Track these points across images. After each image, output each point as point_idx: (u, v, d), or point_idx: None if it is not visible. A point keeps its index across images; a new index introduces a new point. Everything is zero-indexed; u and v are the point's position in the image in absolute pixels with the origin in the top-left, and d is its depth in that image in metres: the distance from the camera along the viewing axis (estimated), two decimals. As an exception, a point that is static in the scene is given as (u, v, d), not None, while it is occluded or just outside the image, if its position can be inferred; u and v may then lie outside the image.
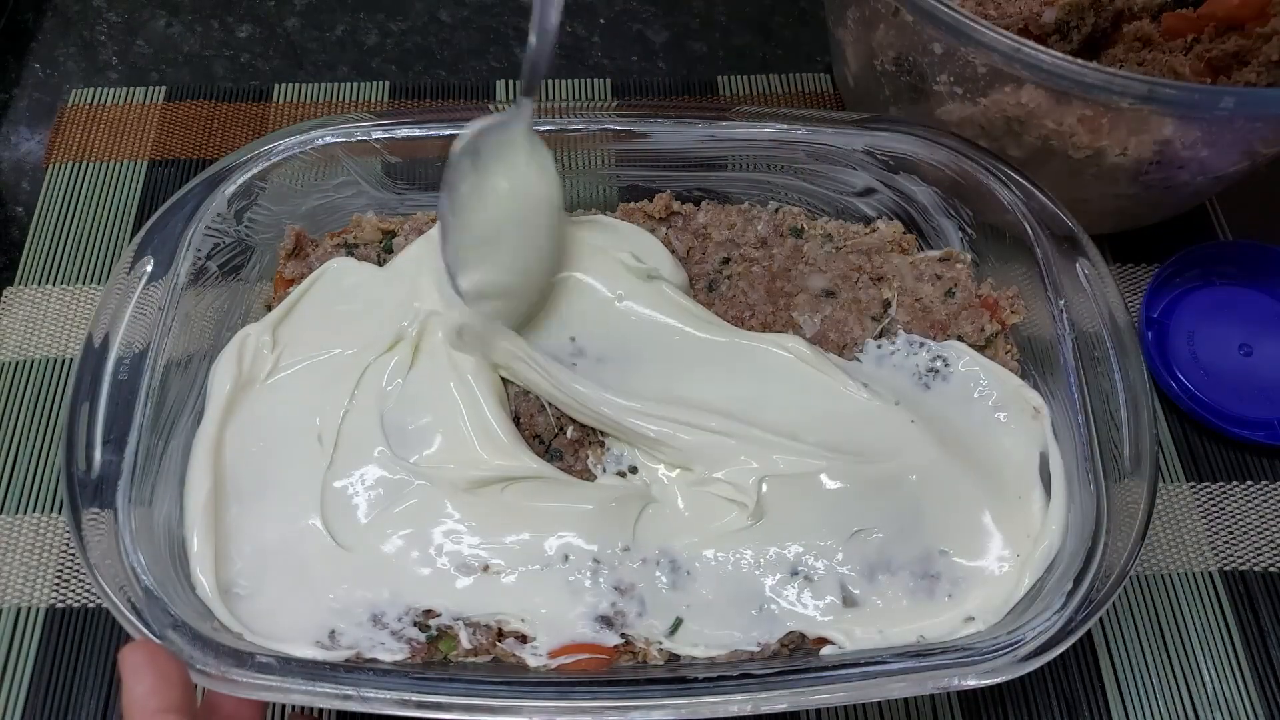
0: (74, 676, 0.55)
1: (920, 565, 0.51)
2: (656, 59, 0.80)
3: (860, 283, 0.59)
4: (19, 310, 0.66)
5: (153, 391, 0.51)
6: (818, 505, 0.51)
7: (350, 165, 0.60)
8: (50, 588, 0.57)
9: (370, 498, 0.52)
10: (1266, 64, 0.59)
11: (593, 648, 0.49)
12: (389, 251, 0.60)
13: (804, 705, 0.46)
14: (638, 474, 0.53)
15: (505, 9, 0.82)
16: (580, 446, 0.54)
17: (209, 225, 0.56)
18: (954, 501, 0.53)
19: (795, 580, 0.50)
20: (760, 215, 0.62)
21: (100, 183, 0.71)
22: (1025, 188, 0.56)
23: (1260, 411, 0.63)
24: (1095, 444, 0.50)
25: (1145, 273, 0.69)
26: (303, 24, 0.81)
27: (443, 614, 0.49)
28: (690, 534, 0.51)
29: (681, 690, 0.45)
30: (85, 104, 0.75)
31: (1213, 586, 0.59)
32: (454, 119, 0.59)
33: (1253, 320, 0.66)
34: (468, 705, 0.44)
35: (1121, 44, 0.62)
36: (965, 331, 0.57)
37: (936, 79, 0.61)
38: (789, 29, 0.82)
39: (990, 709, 0.55)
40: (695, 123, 0.59)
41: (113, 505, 0.47)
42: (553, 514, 0.51)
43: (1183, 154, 0.58)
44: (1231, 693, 0.56)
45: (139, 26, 0.81)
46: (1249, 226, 0.71)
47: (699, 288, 0.60)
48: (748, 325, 0.58)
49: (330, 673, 0.45)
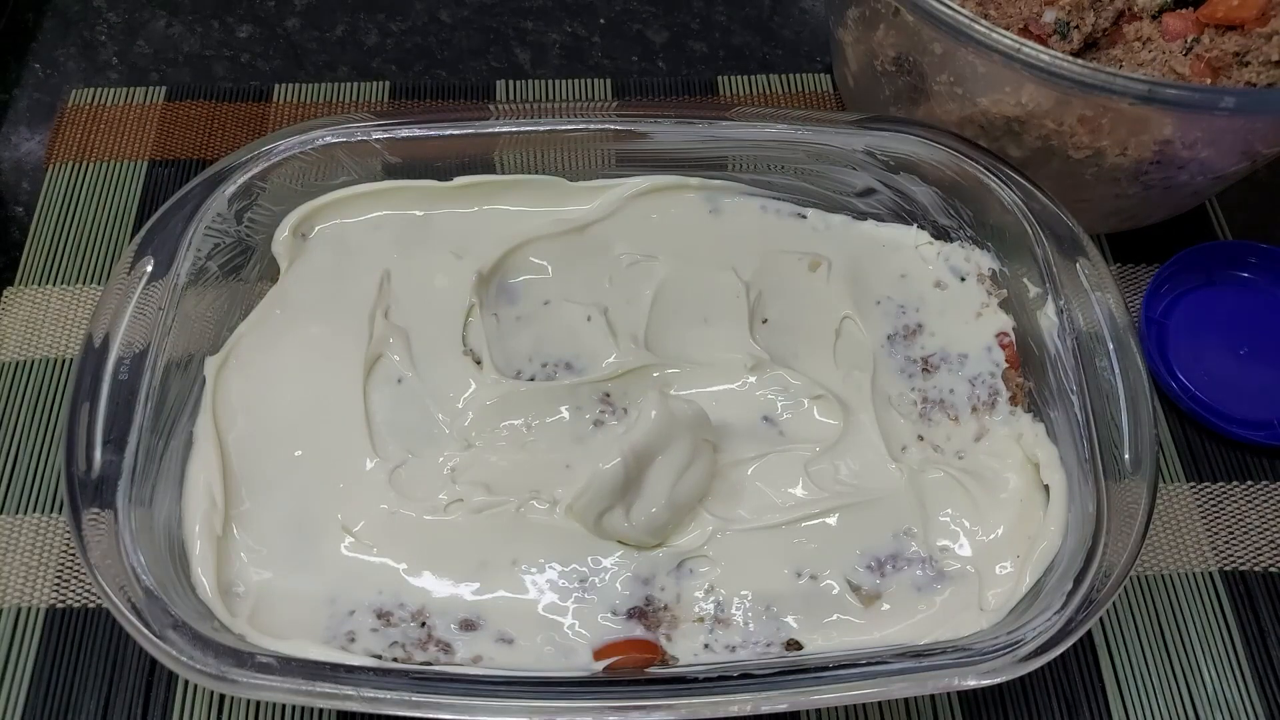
0: (74, 676, 0.55)
1: (920, 565, 0.51)
2: (656, 59, 0.80)
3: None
4: (19, 310, 0.66)
5: (153, 391, 0.51)
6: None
7: (350, 165, 0.60)
8: (50, 588, 0.57)
9: (380, 493, 0.52)
10: (1266, 64, 0.59)
11: (632, 644, 0.49)
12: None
13: (804, 705, 0.46)
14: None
15: (505, 9, 0.82)
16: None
17: (209, 225, 0.56)
18: (954, 501, 0.53)
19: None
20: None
21: (100, 183, 0.71)
22: (1025, 188, 0.56)
23: (1260, 411, 0.63)
24: (1095, 444, 0.50)
25: (1145, 273, 0.69)
26: (303, 24, 0.81)
27: (461, 614, 0.50)
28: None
29: (681, 690, 0.45)
30: (85, 104, 0.75)
31: (1213, 586, 0.59)
32: (454, 119, 0.59)
33: (1253, 320, 0.66)
34: (468, 705, 0.44)
35: (1121, 44, 0.62)
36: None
37: (936, 79, 0.61)
38: (789, 29, 0.82)
39: (990, 709, 0.55)
40: (695, 123, 0.59)
41: (113, 505, 0.47)
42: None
43: (1183, 154, 0.58)
44: (1232, 693, 0.56)
45: (139, 26, 0.81)
46: (1249, 226, 0.71)
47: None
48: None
49: (330, 673, 0.45)
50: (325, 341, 0.57)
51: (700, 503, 0.53)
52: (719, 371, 0.57)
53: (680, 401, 0.53)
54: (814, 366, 0.57)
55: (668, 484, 0.51)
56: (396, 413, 0.55)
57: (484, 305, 0.58)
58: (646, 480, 0.51)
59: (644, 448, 0.51)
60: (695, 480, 0.52)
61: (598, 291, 0.59)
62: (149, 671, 0.55)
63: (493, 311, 0.58)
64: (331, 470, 0.53)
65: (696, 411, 0.53)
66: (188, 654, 0.44)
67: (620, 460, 0.50)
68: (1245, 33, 0.59)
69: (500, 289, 0.59)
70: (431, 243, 0.60)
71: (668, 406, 0.51)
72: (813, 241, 0.61)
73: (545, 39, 0.81)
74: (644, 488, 0.51)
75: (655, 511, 0.51)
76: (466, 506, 0.52)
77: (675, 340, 0.58)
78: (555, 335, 0.58)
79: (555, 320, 0.58)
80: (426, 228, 0.60)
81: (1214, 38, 0.59)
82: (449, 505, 0.52)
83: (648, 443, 0.51)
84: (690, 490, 0.52)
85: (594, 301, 0.58)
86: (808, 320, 0.59)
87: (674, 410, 0.52)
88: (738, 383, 0.57)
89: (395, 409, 0.55)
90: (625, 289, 0.59)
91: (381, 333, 0.57)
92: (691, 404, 0.53)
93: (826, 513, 0.53)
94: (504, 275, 0.59)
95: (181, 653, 0.44)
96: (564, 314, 0.58)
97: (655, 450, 0.51)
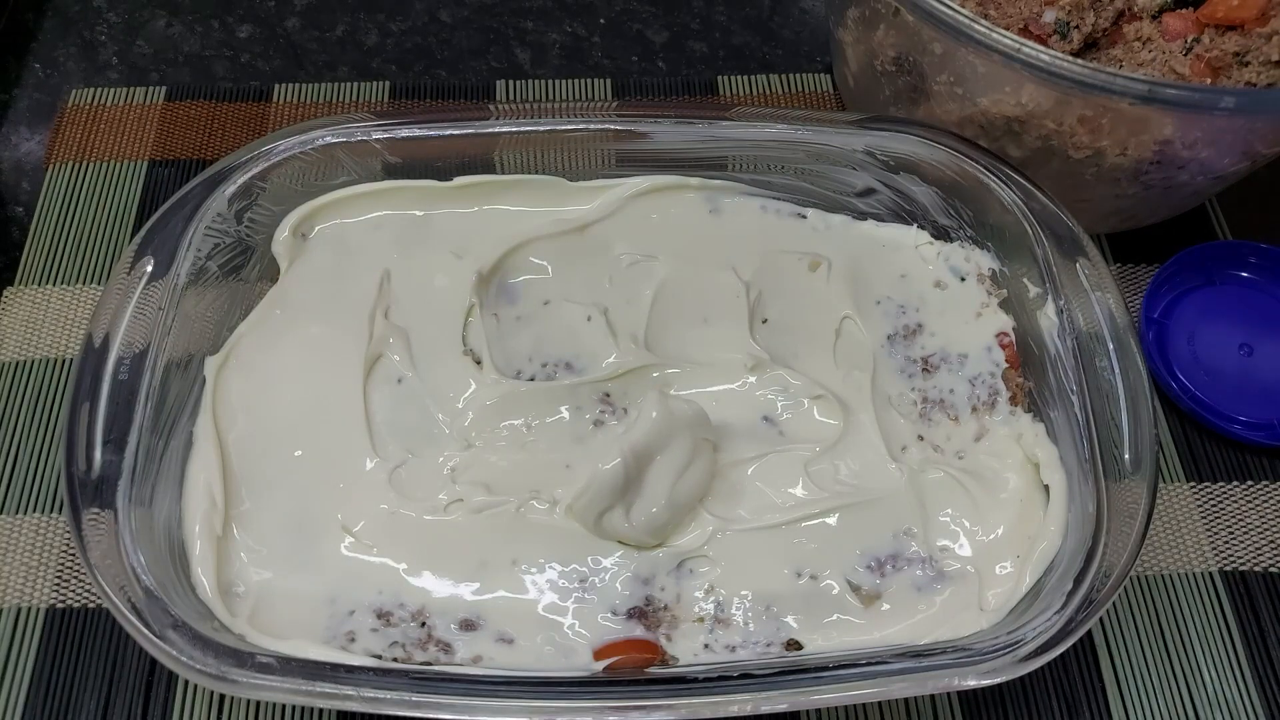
0: (74, 676, 0.55)
1: (920, 565, 0.51)
2: (656, 59, 0.80)
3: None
4: (19, 310, 0.66)
5: (153, 391, 0.51)
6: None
7: (350, 165, 0.60)
8: (50, 588, 0.57)
9: (380, 493, 0.52)
10: (1266, 64, 0.59)
11: (632, 644, 0.49)
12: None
13: (804, 705, 0.46)
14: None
15: (505, 9, 0.82)
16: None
17: (209, 225, 0.56)
18: (954, 501, 0.53)
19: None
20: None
21: (100, 183, 0.71)
22: (1025, 188, 0.56)
23: (1260, 411, 0.63)
24: (1095, 444, 0.50)
25: (1145, 273, 0.69)
26: (303, 24, 0.81)
27: (461, 614, 0.50)
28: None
29: (681, 690, 0.45)
30: (85, 104, 0.75)
31: (1213, 586, 0.59)
32: (454, 119, 0.59)
33: (1253, 320, 0.66)
34: (468, 705, 0.44)
35: (1121, 44, 0.62)
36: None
37: (936, 79, 0.61)
38: (789, 29, 0.82)
39: (990, 709, 0.55)
40: (695, 123, 0.59)
41: (113, 505, 0.47)
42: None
43: (1183, 154, 0.58)
44: (1232, 693, 0.56)
45: (139, 26, 0.81)
46: (1249, 226, 0.71)
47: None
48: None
49: (330, 673, 0.45)
50: (325, 341, 0.57)
51: (700, 503, 0.53)
52: (719, 371, 0.57)
53: (680, 401, 0.53)
54: (814, 366, 0.57)
55: (668, 484, 0.51)
56: (396, 413, 0.55)
57: (484, 305, 0.58)
58: (646, 480, 0.51)
59: (644, 448, 0.51)
60: (695, 480, 0.52)
61: (598, 291, 0.59)
62: (149, 671, 0.55)
63: (493, 311, 0.58)
64: (331, 470, 0.53)
65: (696, 411, 0.53)
66: (188, 654, 0.44)
67: (620, 460, 0.50)
68: (1245, 33, 0.59)
69: (500, 289, 0.59)
70: (431, 243, 0.60)
71: (668, 406, 0.51)
72: (813, 241, 0.61)
73: (545, 39, 0.81)
74: (644, 488, 0.51)
75: (655, 511, 0.51)
76: (466, 506, 0.52)
77: (675, 340, 0.58)
78: (555, 335, 0.58)
79: (555, 320, 0.58)
80: (426, 228, 0.60)
81: (1214, 38, 0.59)
82: (449, 505, 0.52)
83: (648, 443, 0.51)
84: (690, 490, 0.52)
85: (594, 301, 0.58)
86: (808, 320, 0.59)
87: (674, 410, 0.52)
88: (738, 383, 0.57)
89: (395, 409, 0.55)
90: (625, 289, 0.59)
91: (381, 333, 0.57)
92: (691, 404, 0.53)
93: (826, 513, 0.53)
94: (504, 275, 0.59)
95: (181, 653, 0.44)
96: (564, 314, 0.58)
97: (655, 450, 0.51)
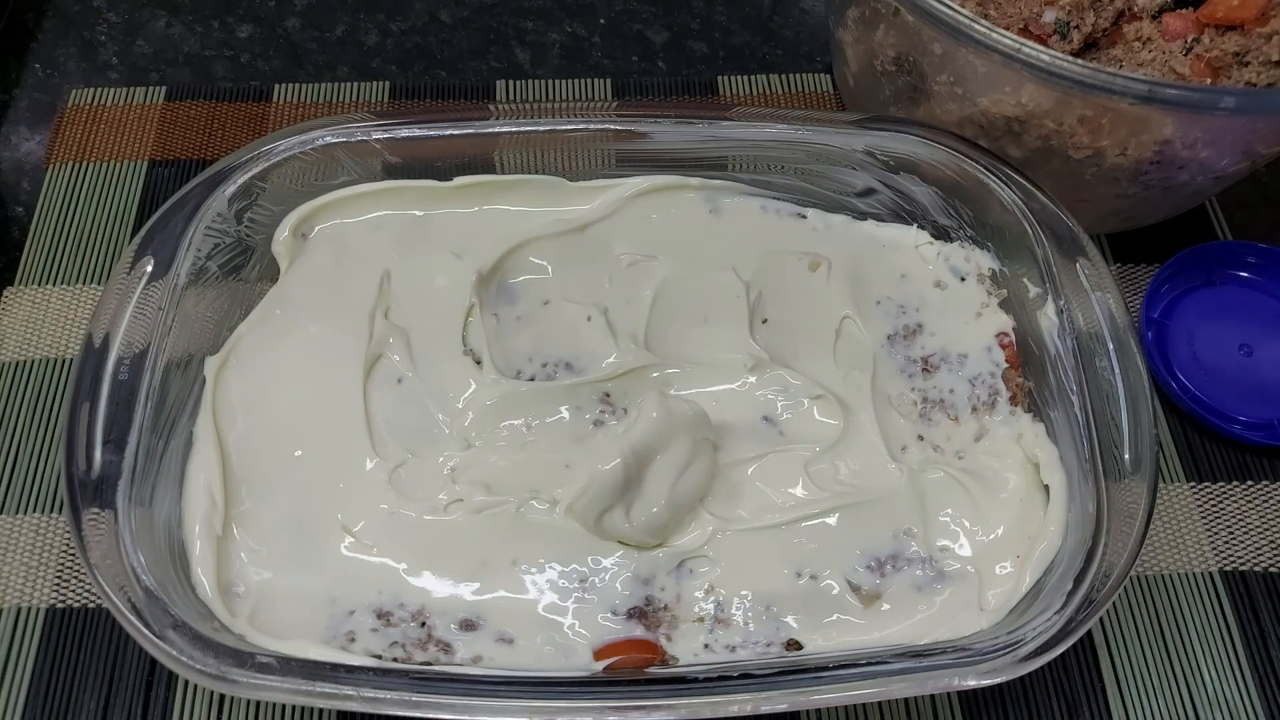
0: (74, 676, 0.55)
1: (920, 565, 0.51)
2: (656, 59, 0.80)
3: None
4: (19, 310, 0.66)
5: (153, 391, 0.51)
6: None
7: (350, 165, 0.60)
8: (50, 588, 0.57)
9: (381, 493, 0.52)
10: (1266, 64, 0.59)
11: (632, 644, 0.49)
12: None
13: (804, 705, 0.46)
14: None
15: (505, 9, 0.82)
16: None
17: (209, 225, 0.56)
18: (954, 501, 0.53)
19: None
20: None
21: (100, 183, 0.71)
22: (1025, 188, 0.56)
23: (1260, 411, 0.63)
24: (1095, 444, 0.50)
25: (1145, 273, 0.69)
26: (303, 24, 0.81)
27: (461, 614, 0.50)
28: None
29: (681, 690, 0.45)
30: (85, 104, 0.75)
31: (1213, 586, 0.59)
32: (454, 119, 0.59)
33: (1253, 320, 0.66)
34: (468, 705, 0.44)
35: (1121, 44, 0.62)
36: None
37: (936, 79, 0.61)
38: (789, 29, 0.82)
39: (990, 709, 0.55)
40: (695, 123, 0.59)
41: (113, 505, 0.47)
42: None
43: (1183, 154, 0.58)
44: (1232, 693, 0.56)
45: (139, 26, 0.81)
46: (1249, 226, 0.71)
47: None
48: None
49: (330, 673, 0.45)
50: (325, 341, 0.57)
51: (700, 503, 0.53)
52: (719, 371, 0.57)
53: (680, 401, 0.53)
54: (814, 366, 0.57)
55: (668, 484, 0.51)
56: (396, 413, 0.55)
57: (484, 305, 0.58)
58: (646, 480, 0.51)
59: (644, 448, 0.51)
60: (695, 480, 0.52)
61: (598, 291, 0.59)
62: (149, 671, 0.55)
63: (493, 311, 0.58)
64: (331, 470, 0.53)
65: (696, 411, 0.53)
66: (188, 654, 0.44)
67: (620, 460, 0.50)
68: (1245, 33, 0.59)
69: (500, 289, 0.59)
70: (431, 243, 0.60)
71: (668, 406, 0.51)
72: (813, 241, 0.61)
73: (545, 39, 0.81)
74: (644, 488, 0.51)
75: (655, 511, 0.51)
76: (466, 506, 0.52)
77: (675, 340, 0.58)
78: (555, 335, 0.58)
79: (555, 320, 0.58)
80: (426, 228, 0.60)
81: (1214, 38, 0.59)
82: (449, 505, 0.53)
83: (648, 443, 0.51)
84: (690, 490, 0.52)
85: (594, 301, 0.58)
86: (808, 320, 0.59)
87: (674, 410, 0.52)
88: (738, 383, 0.57)
89: (395, 409, 0.55)
90: (625, 289, 0.59)
91: (381, 333, 0.57)
92: (691, 404, 0.53)
93: (826, 513, 0.53)
94: (504, 275, 0.59)
95: (181, 653, 0.44)
96: (564, 314, 0.58)
97: (655, 450, 0.51)
